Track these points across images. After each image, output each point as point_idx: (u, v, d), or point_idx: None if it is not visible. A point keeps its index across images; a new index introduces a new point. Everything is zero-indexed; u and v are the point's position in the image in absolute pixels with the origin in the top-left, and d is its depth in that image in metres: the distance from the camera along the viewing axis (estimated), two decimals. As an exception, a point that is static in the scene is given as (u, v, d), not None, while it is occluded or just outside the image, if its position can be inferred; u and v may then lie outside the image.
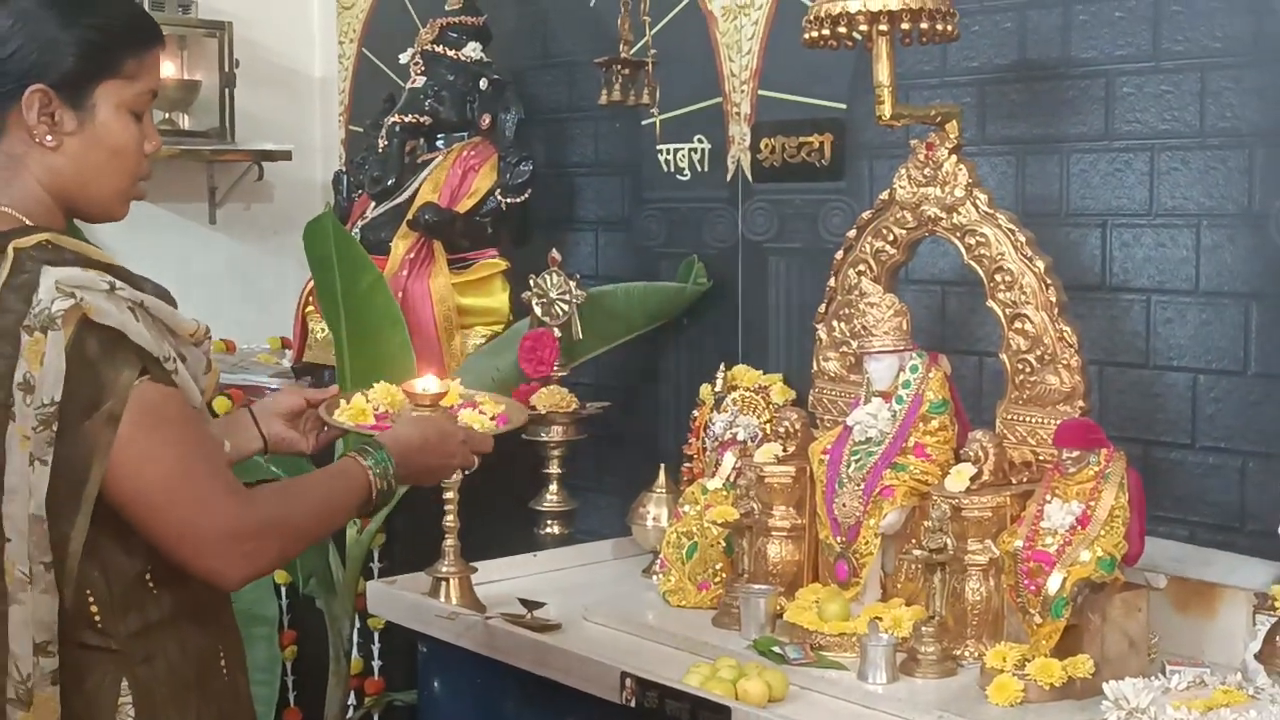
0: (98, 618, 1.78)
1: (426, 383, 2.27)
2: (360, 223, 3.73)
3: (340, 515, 2.03)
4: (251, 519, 1.80)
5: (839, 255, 2.70)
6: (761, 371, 2.92)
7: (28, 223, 1.80)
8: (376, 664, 3.53)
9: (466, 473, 2.27)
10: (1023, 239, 2.44)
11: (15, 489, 1.70)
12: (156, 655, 1.82)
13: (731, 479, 2.72)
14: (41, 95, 1.80)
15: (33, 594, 1.71)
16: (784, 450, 2.61)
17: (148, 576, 1.80)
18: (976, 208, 2.49)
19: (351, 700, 3.49)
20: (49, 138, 1.82)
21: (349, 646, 3.46)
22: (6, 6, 1.81)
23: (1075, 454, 2.24)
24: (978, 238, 2.48)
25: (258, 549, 1.80)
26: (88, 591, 1.78)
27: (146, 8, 3.87)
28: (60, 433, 1.69)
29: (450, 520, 2.70)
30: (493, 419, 2.30)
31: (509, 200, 3.61)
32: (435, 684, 2.77)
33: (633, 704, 2.25)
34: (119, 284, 1.73)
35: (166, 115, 4.19)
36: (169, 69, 4.13)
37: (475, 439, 2.18)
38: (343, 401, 2.28)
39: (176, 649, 1.84)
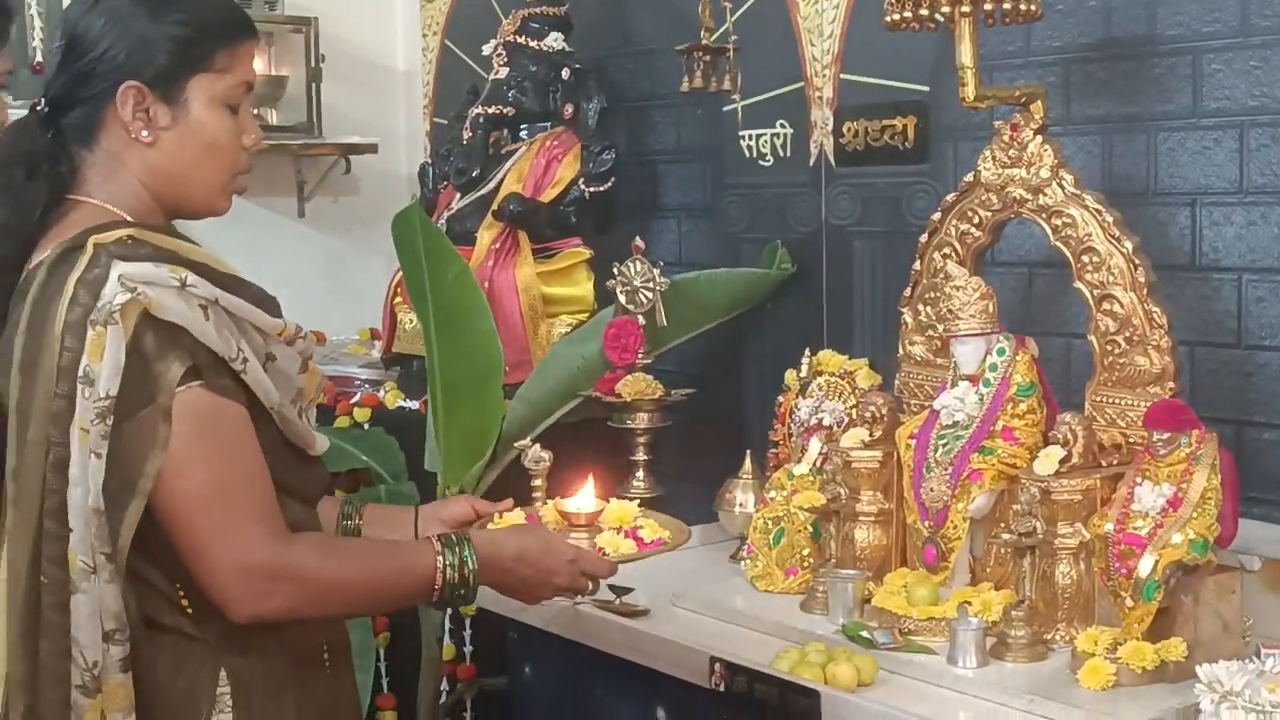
0: (190, 610, 1.80)
1: (582, 500, 2.18)
2: (446, 214, 3.77)
3: (395, 593, 1.95)
4: (274, 559, 1.76)
5: (924, 238, 2.69)
6: (847, 356, 2.91)
7: (126, 218, 1.83)
8: (468, 650, 3.57)
9: (579, 599, 2.14)
10: (1110, 219, 2.42)
11: (77, 480, 1.72)
12: (252, 649, 1.83)
13: (818, 464, 2.71)
14: (135, 92, 1.83)
15: (98, 583, 1.72)
16: (870, 435, 2.60)
17: None
18: (1063, 188, 2.46)
19: (444, 686, 3.53)
20: (145, 134, 1.85)
21: (441, 633, 3.49)
22: (98, 7, 1.85)
23: (1166, 436, 2.22)
24: (1064, 219, 2.46)
25: (270, 591, 1.76)
26: (177, 585, 1.80)
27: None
28: (115, 427, 1.70)
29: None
30: (634, 545, 2.17)
31: (592, 189, 3.63)
32: (526, 669, 2.80)
33: (722, 688, 2.26)
34: (192, 280, 1.74)
35: (255, 110, 4.23)
36: (257, 65, 4.17)
37: (587, 560, 2.09)
38: (498, 516, 2.20)
39: (274, 643, 1.85)
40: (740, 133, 3.50)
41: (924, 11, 2.44)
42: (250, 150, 1.93)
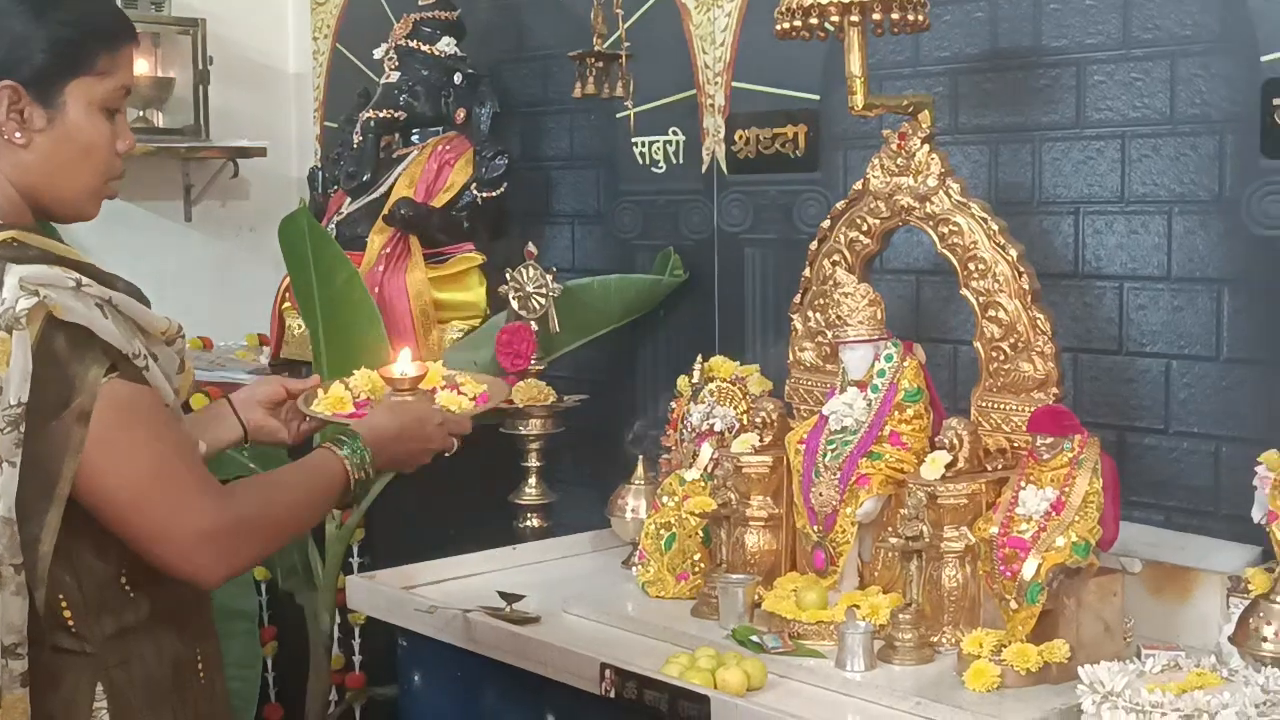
0: (71, 621, 1.77)
1: (404, 366, 2.20)
2: (336, 218, 3.73)
3: (319, 508, 2.02)
4: (227, 518, 1.78)
5: (814, 245, 2.71)
6: (738, 362, 2.93)
7: None
8: (357, 659, 3.53)
9: (446, 455, 2.21)
10: (995, 227, 2.45)
11: None
12: (132, 659, 1.81)
13: (709, 470, 2.72)
14: (11, 92, 1.78)
15: (2, 596, 1.68)
16: (761, 440, 2.62)
17: (123, 580, 1.79)
18: (949, 197, 2.50)
19: (333, 695, 3.49)
20: (18, 135, 1.80)
21: (329, 642, 3.45)
22: None
23: (1049, 440, 2.25)
24: (951, 227, 2.49)
25: (235, 547, 1.79)
26: (60, 595, 1.76)
27: (119, 4, 3.87)
28: (28, 433, 1.67)
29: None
30: (472, 399, 2.24)
31: (484, 194, 3.61)
32: (415, 678, 2.78)
33: (612, 694, 2.25)
34: (85, 280, 1.71)
35: (141, 113, 4.18)
36: (142, 66, 4.12)
37: (453, 422, 2.15)
38: (321, 391, 2.24)
39: (153, 652, 1.83)
40: (633, 139, 3.50)
41: (814, 21, 2.46)
42: (123, 155, 1.89)
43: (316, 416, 2.21)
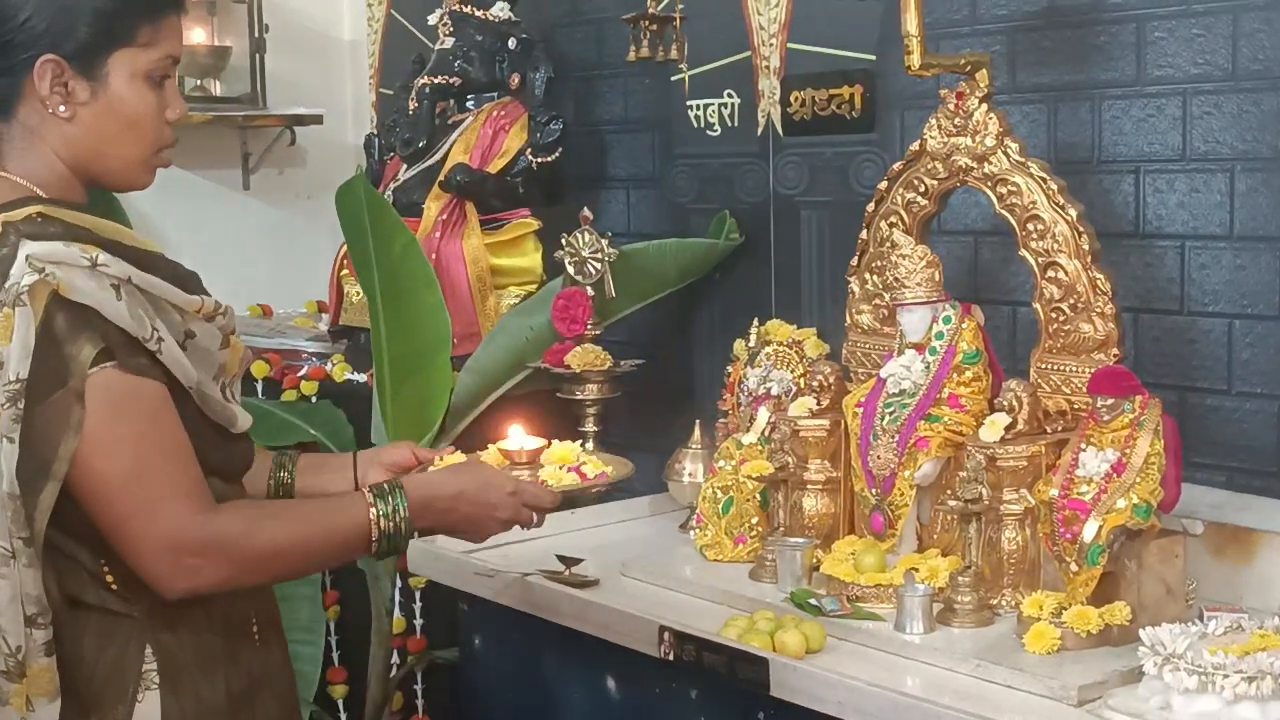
0: (114, 585, 1.79)
1: (522, 439, 2.14)
2: (392, 185, 3.74)
3: (327, 551, 1.92)
4: (201, 533, 1.74)
5: (870, 207, 2.69)
6: (795, 325, 2.92)
7: (40, 194, 1.79)
8: (418, 623, 3.56)
9: (527, 530, 2.09)
10: (1055, 187, 2.43)
11: None
12: (181, 623, 1.82)
13: (766, 433, 2.72)
14: (54, 65, 1.78)
15: (16, 568, 1.70)
16: (818, 404, 2.61)
17: None
18: (1008, 157, 2.47)
19: (395, 659, 3.53)
20: (62, 108, 1.80)
21: (391, 606, 3.49)
22: None
23: (1110, 401, 2.24)
24: (1009, 187, 2.47)
25: (201, 566, 1.74)
26: (101, 561, 1.78)
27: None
28: (27, 410, 1.67)
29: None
30: (578, 477, 2.12)
31: (540, 159, 3.61)
32: (476, 641, 2.80)
33: (671, 657, 2.26)
34: (103, 259, 1.70)
35: (198, 82, 4.21)
36: (199, 35, 4.14)
37: (529, 493, 2.04)
38: (439, 459, 2.15)
39: (203, 616, 1.84)
40: (688, 103, 3.49)
41: (869, -20, 2.45)
42: (174, 124, 1.88)
43: None
